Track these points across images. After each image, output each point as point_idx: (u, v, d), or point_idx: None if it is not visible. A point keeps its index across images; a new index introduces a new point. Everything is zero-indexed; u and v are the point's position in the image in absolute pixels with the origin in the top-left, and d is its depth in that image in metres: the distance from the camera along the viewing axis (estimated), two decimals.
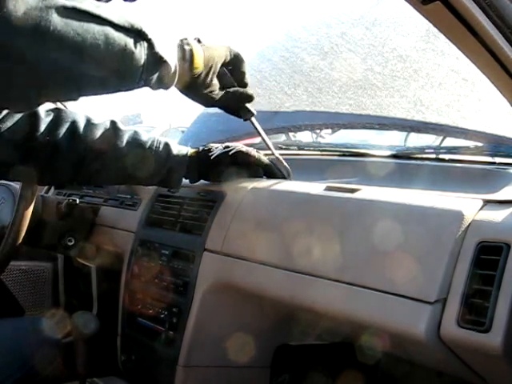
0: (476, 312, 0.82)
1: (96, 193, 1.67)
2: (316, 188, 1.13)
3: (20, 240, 1.40)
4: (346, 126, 1.61)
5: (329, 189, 1.12)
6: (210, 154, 1.28)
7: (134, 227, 1.47)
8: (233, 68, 1.16)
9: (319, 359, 1.34)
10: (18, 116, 1.14)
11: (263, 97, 1.70)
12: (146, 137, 1.26)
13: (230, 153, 1.28)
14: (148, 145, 1.24)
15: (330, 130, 1.83)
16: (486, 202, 0.92)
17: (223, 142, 1.35)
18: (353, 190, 1.07)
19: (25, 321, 1.42)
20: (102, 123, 1.24)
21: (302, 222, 1.09)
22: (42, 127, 1.17)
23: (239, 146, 1.30)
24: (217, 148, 1.29)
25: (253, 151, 1.30)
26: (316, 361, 1.34)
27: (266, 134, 1.32)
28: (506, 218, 0.87)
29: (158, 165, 1.26)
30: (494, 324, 0.80)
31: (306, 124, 1.68)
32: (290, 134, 1.78)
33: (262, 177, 1.32)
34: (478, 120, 1.34)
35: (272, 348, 1.29)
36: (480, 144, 1.27)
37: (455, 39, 0.79)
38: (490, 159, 1.20)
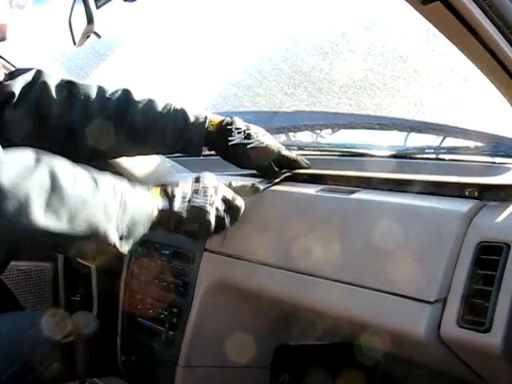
0: (476, 312, 0.82)
1: None
2: (316, 188, 1.13)
3: None
4: (345, 126, 1.61)
5: (328, 189, 1.12)
6: (230, 138, 1.20)
7: None
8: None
9: (319, 359, 1.34)
10: (29, 99, 1.13)
11: (263, 97, 1.70)
12: (161, 106, 1.20)
13: (248, 146, 1.20)
14: (164, 114, 1.20)
15: (330, 130, 1.83)
16: (486, 202, 0.92)
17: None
18: (352, 191, 1.07)
19: (24, 316, 1.42)
20: (115, 96, 1.20)
21: (302, 222, 1.09)
22: (55, 109, 1.15)
23: (260, 135, 1.21)
24: (238, 132, 1.20)
25: (272, 146, 1.21)
26: (316, 361, 1.34)
27: None
28: (506, 218, 0.86)
29: (175, 136, 1.20)
30: (494, 324, 0.80)
31: (305, 124, 1.68)
32: (290, 134, 1.78)
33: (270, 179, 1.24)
34: (478, 120, 1.34)
35: (272, 348, 1.29)
36: (480, 144, 1.27)
37: (455, 39, 0.79)
38: (490, 159, 1.19)
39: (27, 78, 1.16)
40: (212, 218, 1.03)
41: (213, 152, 1.28)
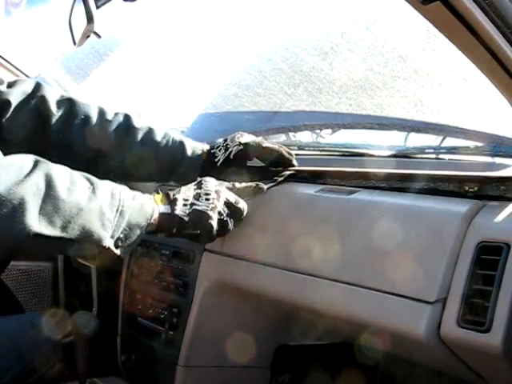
0: (476, 312, 0.82)
1: None
2: (315, 189, 1.13)
3: None
4: (345, 126, 1.61)
5: (328, 189, 1.12)
6: (216, 159, 1.23)
7: None
8: None
9: (319, 359, 1.34)
10: (27, 110, 1.13)
11: (263, 97, 1.70)
12: (160, 136, 1.22)
13: (231, 156, 1.22)
14: (162, 146, 1.21)
15: (330, 130, 1.83)
16: (486, 202, 0.92)
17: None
18: (352, 191, 1.07)
19: (24, 317, 1.42)
20: (115, 121, 1.21)
21: (302, 222, 1.09)
22: (54, 124, 1.15)
23: (237, 141, 1.23)
24: (219, 150, 1.24)
25: (251, 144, 1.23)
26: (316, 361, 1.34)
27: (266, 133, 1.32)
28: (506, 218, 0.87)
29: (171, 169, 1.23)
30: (494, 324, 0.80)
31: (305, 124, 1.68)
32: (290, 133, 1.78)
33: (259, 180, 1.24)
34: (478, 120, 1.33)
35: (272, 348, 1.29)
36: (480, 144, 1.27)
37: (455, 39, 0.79)
38: (490, 159, 1.20)
39: (26, 89, 1.15)
40: (214, 223, 1.03)
41: None
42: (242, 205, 1.09)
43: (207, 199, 1.03)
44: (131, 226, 0.95)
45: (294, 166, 1.26)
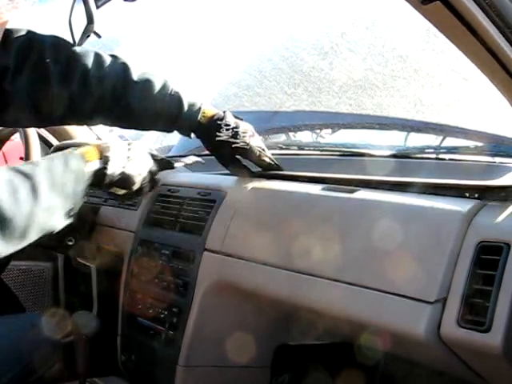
0: (476, 312, 0.82)
1: (96, 192, 1.67)
2: (316, 188, 1.13)
3: None
4: (345, 126, 1.61)
5: (328, 189, 1.12)
6: (218, 133, 1.23)
7: (134, 227, 1.47)
8: None
9: (319, 359, 1.34)
10: (26, 74, 1.12)
11: (263, 97, 1.70)
12: (158, 87, 1.21)
13: (233, 146, 1.23)
14: (160, 99, 1.21)
15: (330, 130, 1.83)
16: (486, 202, 0.92)
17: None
18: (352, 190, 1.07)
19: (24, 317, 1.42)
20: (113, 71, 1.19)
21: (302, 221, 1.09)
22: (54, 82, 1.15)
23: (247, 136, 1.25)
24: (227, 128, 1.24)
25: (255, 150, 1.26)
26: (316, 361, 1.34)
27: (266, 133, 1.32)
28: (506, 218, 0.86)
29: (167, 122, 1.24)
30: (494, 324, 0.80)
31: (305, 124, 1.68)
32: (290, 133, 1.78)
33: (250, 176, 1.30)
34: (478, 120, 1.33)
35: (272, 348, 1.29)
36: (480, 144, 1.27)
37: (455, 39, 0.79)
38: (490, 159, 1.19)
39: (23, 48, 1.13)
40: (137, 186, 1.11)
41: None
42: (159, 176, 1.17)
43: (137, 163, 1.10)
44: (76, 194, 1.00)
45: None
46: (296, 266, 1.05)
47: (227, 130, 1.24)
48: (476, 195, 0.95)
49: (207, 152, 1.33)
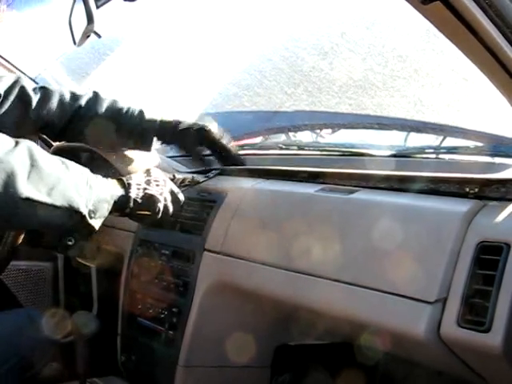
0: (476, 312, 0.82)
1: None
2: (315, 188, 1.13)
3: (20, 240, 1.40)
4: (345, 126, 1.61)
5: (328, 189, 1.12)
6: (180, 126, 1.34)
7: (133, 227, 1.46)
8: None
9: (319, 359, 1.34)
10: (11, 98, 1.24)
11: (263, 97, 1.70)
12: (123, 104, 1.34)
13: (194, 128, 1.33)
14: (124, 110, 1.33)
15: (329, 130, 1.83)
16: (486, 202, 0.92)
17: None
18: (352, 191, 1.07)
19: (23, 312, 1.42)
20: (85, 94, 1.33)
21: (302, 222, 1.09)
22: (34, 105, 1.27)
23: (208, 123, 1.35)
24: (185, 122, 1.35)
25: (215, 130, 1.35)
26: (316, 361, 1.34)
27: (266, 133, 1.32)
28: (506, 218, 0.86)
29: (132, 127, 1.32)
30: (494, 324, 0.80)
31: (305, 124, 1.68)
32: (290, 133, 1.78)
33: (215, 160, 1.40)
34: (478, 120, 1.33)
35: (272, 348, 1.29)
36: (480, 144, 1.27)
37: (455, 39, 0.79)
38: (489, 159, 1.19)
39: (8, 82, 1.26)
40: (161, 205, 1.16)
41: (208, 152, 1.40)
42: (181, 196, 1.22)
43: (157, 185, 1.17)
44: (100, 199, 1.05)
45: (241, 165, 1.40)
46: (296, 266, 1.05)
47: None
48: (476, 189, 0.95)
49: (208, 152, 1.37)
